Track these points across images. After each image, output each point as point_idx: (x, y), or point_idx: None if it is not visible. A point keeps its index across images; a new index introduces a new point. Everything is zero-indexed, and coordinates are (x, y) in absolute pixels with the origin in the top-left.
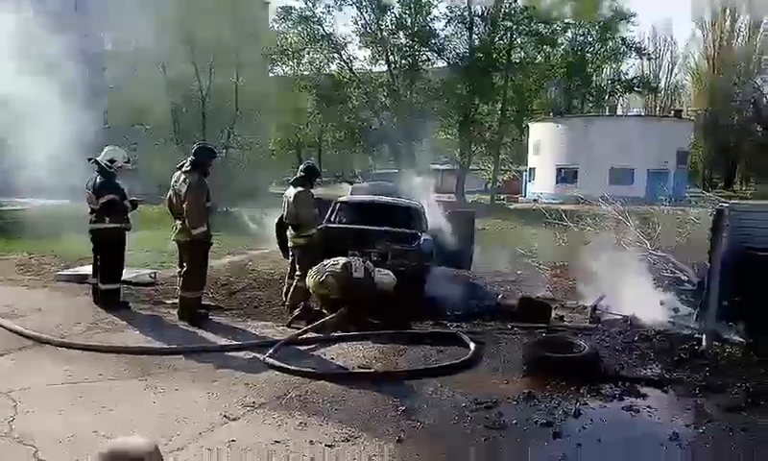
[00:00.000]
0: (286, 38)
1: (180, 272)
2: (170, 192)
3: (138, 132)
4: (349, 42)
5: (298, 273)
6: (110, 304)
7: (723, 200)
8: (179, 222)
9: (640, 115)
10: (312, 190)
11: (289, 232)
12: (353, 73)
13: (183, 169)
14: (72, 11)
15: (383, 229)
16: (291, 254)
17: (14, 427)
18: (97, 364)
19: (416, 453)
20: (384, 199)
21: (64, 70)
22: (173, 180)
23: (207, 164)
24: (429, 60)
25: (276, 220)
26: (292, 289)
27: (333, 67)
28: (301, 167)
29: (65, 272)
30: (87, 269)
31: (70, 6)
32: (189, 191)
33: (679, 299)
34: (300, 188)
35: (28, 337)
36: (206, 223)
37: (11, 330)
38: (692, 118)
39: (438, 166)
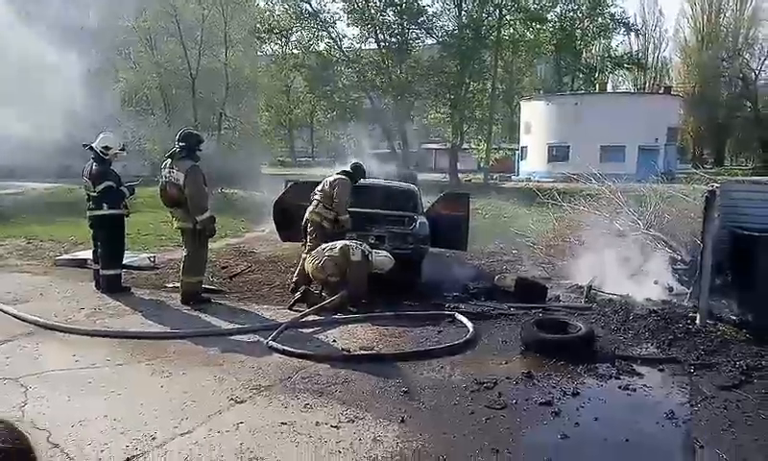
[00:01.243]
0: (273, 16)
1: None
2: (162, 182)
3: (129, 114)
4: (338, 20)
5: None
6: (113, 289)
7: (714, 179)
8: (178, 210)
9: (630, 92)
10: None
11: (310, 208)
12: (342, 51)
13: (175, 157)
14: None
15: (380, 212)
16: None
17: (26, 412)
18: (103, 349)
19: (419, 433)
20: (380, 182)
21: (49, 50)
22: (163, 169)
23: (197, 150)
24: (418, 37)
25: (274, 202)
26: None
27: (322, 46)
28: (352, 163)
29: (64, 256)
30: (86, 253)
31: None
32: (188, 179)
33: (672, 278)
34: (342, 176)
35: (34, 324)
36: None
37: (16, 317)
38: (681, 94)
39: (430, 146)
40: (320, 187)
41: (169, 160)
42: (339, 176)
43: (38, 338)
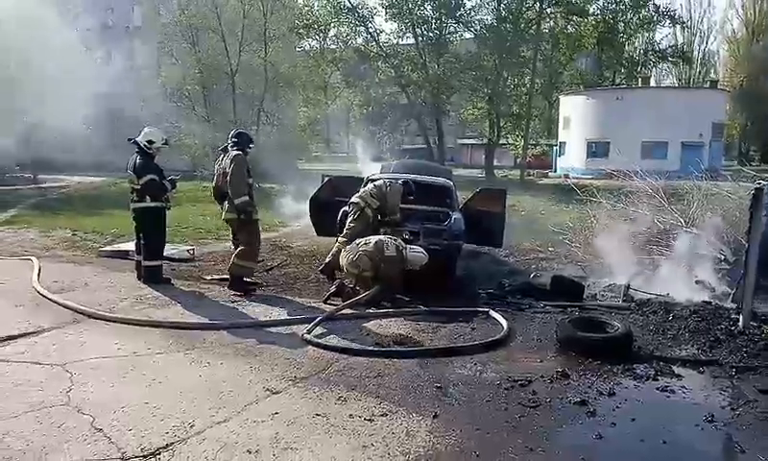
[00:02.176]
0: (311, 12)
1: (233, 248)
2: (216, 174)
3: (172, 109)
4: (376, 15)
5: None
6: (154, 280)
7: (761, 176)
8: (226, 203)
9: (674, 86)
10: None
11: (362, 195)
12: (380, 46)
13: (225, 150)
14: None
15: (415, 207)
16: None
17: (72, 398)
18: (145, 338)
19: (452, 428)
20: (415, 177)
21: (96, 48)
22: (216, 163)
23: (248, 148)
24: (456, 31)
25: (311, 197)
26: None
27: (359, 41)
28: (402, 181)
29: (108, 248)
30: (129, 245)
31: None
32: (233, 165)
33: (715, 278)
34: (398, 184)
35: (79, 312)
36: (249, 195)
37: (62, 305)
38: (728, 89)
39: (466, 141)
40: (371, 183)
41: (222, 154)
42: (391, 182)
43: (83, 326)
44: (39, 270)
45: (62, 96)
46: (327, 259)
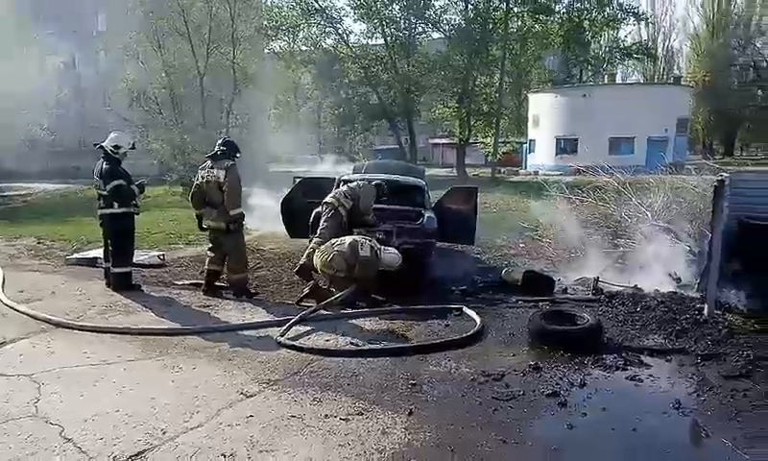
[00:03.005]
0: (281, 12)
1: (208, 254)
2: (199, 181)
3: (138, 112)
4: (345, 16)
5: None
6: (123, 287)
7: (723, 169)
8: (212, 210)
9: (639, 83)
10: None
11: (336, 196)
12: (350, 47)
13: (215, 158)
14: None
15: (387, 207)
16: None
17: (40, 408)
18: (115, 346)
19: (427, 424)
20: (387, 177)
21: (61, 52)
22: (201, 170)
23: (235, 155)
24: (425, 32)
25: (283, 199)
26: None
27: (329, 42)
28: (374, 182)
29: (75, 256)
30: (96, 252)
31: None
32: (228, 175)
33: (680, 268)
34: (370, 184)
35: (46, 321)
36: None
37: (28, 315)
38: (691, 84)
39: (437, 140)
40: (345, 185)
41: (209, 162)
42: (363, 183)
43: (51, 336)
44: (3, 280)
45: (22, 102)
46: (302, 261)
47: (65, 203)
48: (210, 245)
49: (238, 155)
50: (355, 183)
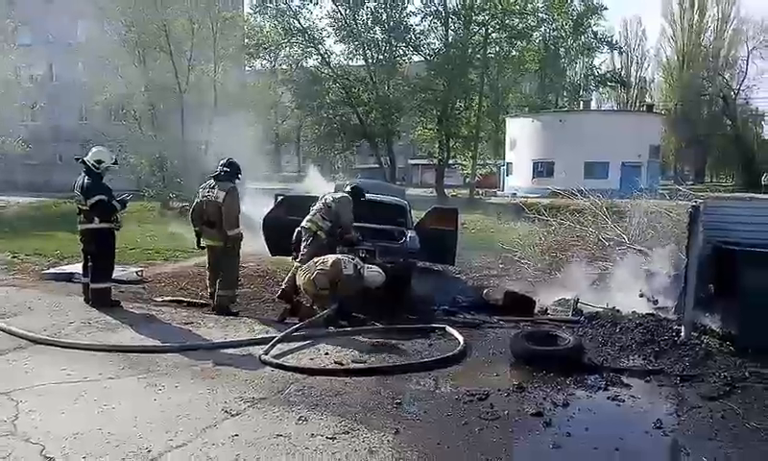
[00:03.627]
0: (262, 31)
1: (208, 275)
2: (199, 200)
3: (116, 127)
4: (327, 37)
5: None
6: (102, 303)
7: (696, 195)
8: (210, 229)
9: (613, 110)
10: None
11: (313, 219)
12: (331, 68)
13: (219, 179)
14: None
15: (370, 226)
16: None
17: (18, 427)
18: (95, 363)
19: (413, 444)
20: (370, 196)
21: (37, 63)
22: (203, 189)
23: (237, 176)
24: (405, 54)
25: (264, 217)
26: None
27: (311, 62)
28: (352, 185)
29: (51, 270)
30: (73, 267)
31: None
32: (228, 196)
33: (657, 291)
34: (344, 194)
35: (23, 338)
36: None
37: (4, 331)
38: (663, 112)
39: (416, 161)
40: (320, 202)
41: (212, 181)
42: (339, 195)
43: (28, 353)
44: None
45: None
46: (284, 286)
47: (40, 216)
48: (208, 264)
49: (240, 176)
50: (330, 198)
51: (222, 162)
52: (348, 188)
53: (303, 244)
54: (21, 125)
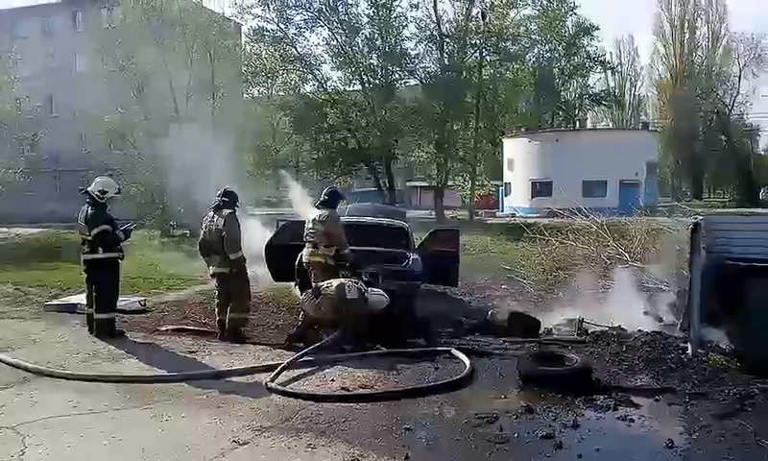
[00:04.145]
0: (259, 59)
1: (217, 301)
2: (203, 231)
3: (117, 156)
4: (323, 63)
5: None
6: (106, 333)
7: (695, 211)
8: (216, 256)
9: (609, 128)
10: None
11: (308, 251)
12: (328, 93)
13: (216, 208)
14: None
15: (373, 249)
16: (306, 271)
17: None
18: (100, 394)
19: None
20: (371, 220)
21: (37, 92)
22: (205, 219)
23: (236, 204)
24: (402, 79)
25: (266, 243)
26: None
27: (308, 88)
28: (326, 191)
29: (54, 302)
30: (76, 298)
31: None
32: (227, 222)
33: (662, 308)
34: (325, 212)
35: (28, 370)
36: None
37: (9, 364)
38: (659, 130)
39: (415, 183)
40: (310, 227)
41: (211, 212)
42: (322, 212)
43: (34, 385)
44: None
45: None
46: (300, 327)
47: (41, 247)
48: (216, 292)
49: (239, 203)
50: (318, 221)
51: (219, 193)
52: (324, 197)
53: (314, 279)
54: (21, 156)
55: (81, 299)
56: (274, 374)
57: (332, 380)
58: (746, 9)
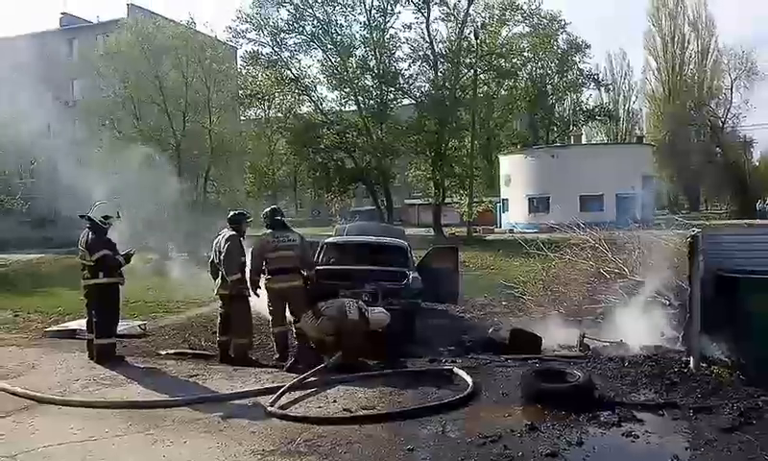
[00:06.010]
0: (255, 81)
1: (218, 321)
2: (212, 255)
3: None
4: (318, 84)
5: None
6: (106, 359)
7: (692, 224)
8: (219, 278)
9: (604, 143)
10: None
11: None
12: (324, 114)
13: (222, 233)
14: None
15: (372, 268)
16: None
17: None
18: (101, 421)
19: None
20: (371, 239)
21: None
22: (215, 242)
23: (243, 226)
24: (396, 98)
25: None
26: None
27: (304, 109)
28: (230, 215)
29: (54, 328)
30: (76, 324)
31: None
32: (229, 243)
33: (662, 322)
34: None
35: (28, 398)
36: (242, 273)
37: (8, 392)
38: (653, 143)
39: (413, 201)
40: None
41: (219, 237)
42: (295, 237)
43: (34, 413)
44: None
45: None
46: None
47: (40, 273)
48: (221, 311)
49: (249, 221)
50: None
51: (228, 217)
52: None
53: (295, 308)
54: (20, 183)
55: (81, 324)
56: (274, 397)
57: (334, 402)
58: (746, 9)
